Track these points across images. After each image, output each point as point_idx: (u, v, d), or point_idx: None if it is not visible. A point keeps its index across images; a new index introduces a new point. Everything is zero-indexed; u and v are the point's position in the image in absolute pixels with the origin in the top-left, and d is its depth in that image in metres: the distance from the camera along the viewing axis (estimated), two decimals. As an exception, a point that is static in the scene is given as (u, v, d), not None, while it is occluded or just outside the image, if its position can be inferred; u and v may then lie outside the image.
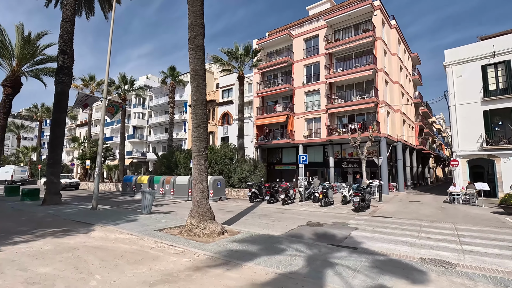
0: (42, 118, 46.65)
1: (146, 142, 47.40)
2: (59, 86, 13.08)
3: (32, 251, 5.40)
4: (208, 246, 6.14)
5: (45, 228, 7.67)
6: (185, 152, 25.32)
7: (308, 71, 28.23)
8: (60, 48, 13.28)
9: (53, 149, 12.97)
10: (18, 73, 18.21)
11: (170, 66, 28.90)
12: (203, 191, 7.35)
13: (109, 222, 8.57)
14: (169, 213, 11.43)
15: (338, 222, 10.10)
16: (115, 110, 12.10)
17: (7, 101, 17.88)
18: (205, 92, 7.59)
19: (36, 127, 57.75)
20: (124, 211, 11.35)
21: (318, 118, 26.77)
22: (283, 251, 5.95)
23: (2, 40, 17.72)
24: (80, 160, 32.74)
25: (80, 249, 5.64)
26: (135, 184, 21.71)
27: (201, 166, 7.38)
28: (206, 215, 7.25)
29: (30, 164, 43.78)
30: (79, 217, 9.52)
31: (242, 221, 10.16)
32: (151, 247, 6.00)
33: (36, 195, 14.83)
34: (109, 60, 11.51)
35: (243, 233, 7.54)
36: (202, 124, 7.45)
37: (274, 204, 15.60)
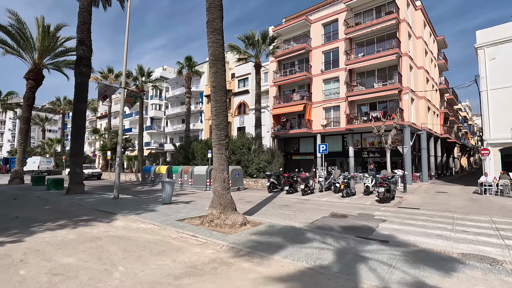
0: (64, 110, 48.14)
1: (164, 133, 48.02)
2: (79, 77, 13.16)
3: (56, 240, 5.38)
4: (231, 237, 5.93)
5: (69, 217, 7.74)
6: (202, 143, 25.32)
7: (326, 58, 27.26)
8: (78, 39, 13.30)
9: (75, 140, 13.18)
10: (40, 65, 18.60)
11: (187, 56, 28.73)
12: (224, 181, 7.12)
13: (131, 211, 8.57)
14: (188, 203, 11.39)
15: (363, 213, 9.67)
16: (133, 100, 12.05)
17: (30, 93, 18.39)
18: (224, 78, 7.27)
19: (59, 120, 59.83)
20: (145, 201, 11.41)
21: (337, 106, 25.93)
22: (309, 243, 5.65)
23: (24, 33, 18.07)
24: (102, 151, 33.62)
25: (103, 238, 5.57)
26: (154, 174, 21.98)
27: (222, 155, 7.14)
28: (228, 205, 7.04)
29: (55, 155, 45.52)
30: (101, 206, 9.61)
31: (262, 211, 9.93)
32: (173, 238, 5.87)
33: (60, 185, 15.24)
34: (126, 50, 11.39)
35: (265, 224, 7.30)
36: (222, 111, 7.16)
37: (293, 194, 15.30)
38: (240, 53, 22.04)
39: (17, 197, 12.16)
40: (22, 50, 18.36)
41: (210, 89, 7.26)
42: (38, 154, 46.02)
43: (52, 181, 15.17)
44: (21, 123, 19.28)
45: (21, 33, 18.03)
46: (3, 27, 17.35)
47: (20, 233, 5.88)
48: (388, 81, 23.15)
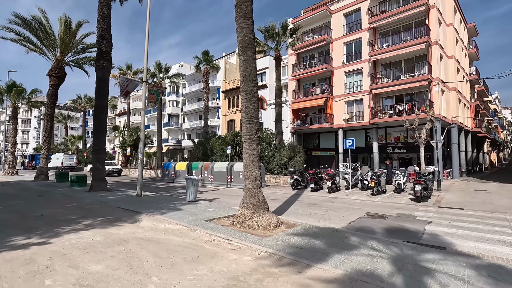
0: (85, 108, 49.22)
1: (181, 129, 48.19)
2: (100, 72, 12.98)
3: (83, 242, 5.02)
4: (268, 241, 5.39)
5: (93, 216, 7.46)
6: (221, 139, 24.96)
7: (348, 49, 26.11)
8: (98, 33, 13.10)
9: (97, 136, 13.06)
10: (62, 62, 18.72)
11: (204, 51, 28.35)
12: (256, 178, 6.57)
13: (156, 210, 8.21)
14: (212, 201, 10.97)
15: (402, 213, 8.89)
16: (156, 98, 11.71)
17: (53, 90, 18.55)
18: (255, 67, 6.69)
19: (80, 117, 61.38)
20: (168, 198, 11.08)
21: (360, 100, 24.83)
22: (357, 249, 5.02)
23: (47, 30, 18.18)
24: (121, 148, 34.01)
25: (131, 241, 5.17)
26: (174, 171, 21.85)
27: (253, 151, 6.58)
28: (260, 205, 6.50)
29: (77, 152, 46.73)
30: (125, 204, 9.33)
31: (292, 210, 9.34)
32: (205, 241, 5.39)
33: (83, 181, 15.27)
34: (147, 42, 11.02)
35: (301, 225, 6.71)
36: (254, 103, 6.59)
37: (319, 192, 14.61)
38: (259, 45, 21.35)
39: (42, 194, 12.16)
40: (45, 47, 18.53)
41: (240, 79, 6.70)
42: (62, 151, 47.36)
43: (75, 178, 15.21)
44: (45, 120, 19.56)
45: (44, 30, 18.16)
46: (29, 24, 17.49)
47: (45, 234, 5.59)
48: (416, 72, 21.84)
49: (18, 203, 9.54)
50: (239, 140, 23.05)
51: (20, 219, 6.99)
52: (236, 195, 13.40)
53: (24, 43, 18.02)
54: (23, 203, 9.59)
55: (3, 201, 10.11)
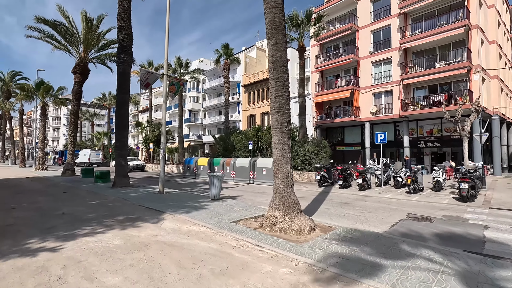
0: (110, 105, 50.52)
1: (202, 125, 48.30)
2: (121, 66, 12.75)
3: (101, 247, 4.59)
4: (304, 248, 4.71)
5: (114, 215, 7.11)
6: (242, 134, 24.46)
7: (376, 38, 24.58)
8: (118, 27, 12.85)
9: (119, 131, 12.90)
10: (85, 59, 18.86)
11: (224, 44, 27.81)
12: (287, 176, 5.89)
13: (179, 209, 7.75)
14: (236, 199, 10.43)
15: (449, 216, 7.88)
16: (176, 89, 11.29)
17: (78, 87, 18.77)
18: (285, 51, 5.96)
19: (106, 114, 63.34)
20: (190, 196, 10.66)
21: (389, 91, 23.34)
22: (411, 261, 4.23)
23: (70, 27, 18.34)
24: (144, 144, 34.47)
25: (152, 246, 4.68)
26: (196, 166, 21.62)
27: (284, 146, 5.89)
28: (293, 206, 5.82)
29: (103, 148, 48.18)
30: (147, 202, 8.99)
31: (322, 210, 8.59)
32: (233, 247, 4.80)
33: (107, 177, 15.29)
34: (167, 32, 10.57)
35: (337, 229, 5.97)
36: (284, 92, 5.89)
37: (348, 189, 13.69)
38: (282, 36, 20.43)
39: (67, 190, 12.18)
40: (69, 44, 18.74)
41: (268, 66, 6.01)
42: (89, 147, 49.04)
43: (99, 174, 15.26)
44: (71, 117, 19.92)
45: (67, 28, 18.35)
46: (52, 23, 17.71)
47: (63, 236, 5.24)
48: (453, 59, 20.08)
49: (42, 200, 9.47)
50: (260, 135, 22.44)
51: (40, 217, 6.77)
52: (260, 192, 12.81)
53: (49, 41, 18.32)
54: (47, 200, 9.52)
55: (28, 198, 10.13)
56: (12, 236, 5.23)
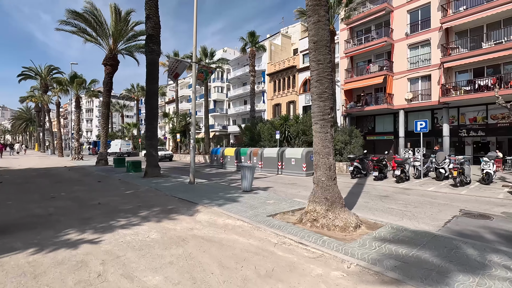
0: (138, 97, 51.93)
1: (226, 115, 48.36)
2: (149, 56, 12.69)
3: (138, 241, 4.43)
4: (353, 248, 4.25)
5: (148, 206, 7.04)
6: (268, 123, 23.99)
7: (413, 18, 22.74)
8: (146, 15, 12.72)
9: (150, 122, 12.96)
10: (115, 51, 19.16)
11: (250, 32, 27.16)
12: (330, 168, 5.40)
13: (212, 200, 7.55)
14: (267, 190, 10.10)
15: (510, 213, 7.01)
16: (205, 76, 11.03)
17: (108, 79, 19.18)
18: (328, 30, 5.38)
19: (134, 106, 65.41)
20: (221, 187, 10.48)
21: (427, 76, 21.66)
22: (483, 267, 3.64)
23: (100, 20, 18.63)
24: (171, 134, 35.12)
25: (190, 241, 4.45)
26: (223, 156, 21.56)
27: (326, 134, 5.38)
28: (336, 200, 5.35)
29: (132, 138, 49.90)
30: (179, 192, 8.90)
31: (362, 204, 8.02)
32: (274, 244, 4.45)
33: (138, 167, 15.60)
34: (195, 17, 10.24)
35: (385, 226, 5.43)
36: (327, 75, 5.33)
37: (384, 181, 12.90)
38: (311, 20, 19.40)
39: (101, 180, 12.51)
40: (99, 37, 19.11)
41: (309, 46, 5.47)
42: (119, 138, 51.02)
43: (131, 164, 15.59)
44: (103, 108, 20.52)
45: (97, 20, 18.67)
46: (83, 16, 18.08)
47: (100, 227, 5.18)
48: (504, 38, 18.06)
49: (79, 189, 9.72)
50: (288, 124, 21.88)
51: (78, 207, 6.84)
52: (290, 183, 12.39)
53: (80, 34, 18.77)
54: (83, 189, 9.75)
55: (67, 187, 10.46)
56: (52, 226, 5.25)
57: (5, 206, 6.98)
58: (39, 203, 7.40)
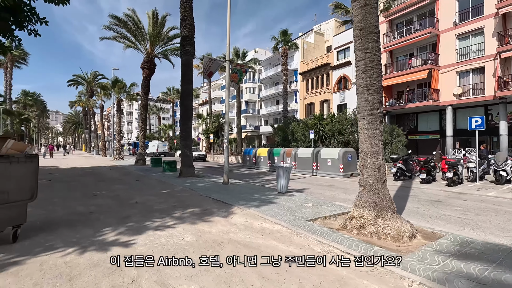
0: (173, 99, 53.89)
1: (258, 115, 48.29)
2: (184, 57, 12.84)
3: (173, 243, 4.25)
4: (412, 262, 3.66)
5: (183, 206, 6.94)
6: (302, 123, 23.34)
7: (462, 5, 20.72)
8: (181, 17, 12.89)
9: (184, 122, 13.10)
10: (151, 55, 19.85)
11: (282, 30, 26.73)
12: (379, 169, 4.82)
13: (247, 202, 7.26)
14: (303, 192, 9.61)
15: None
16: (239, 77, 10.86)
17: (146, 82, 19.92)
18: (377, 15, 4.80)
19: (170, 108, 68.08)
20: (255, 188, 10.19)
21: (480, 68, 19.57)
22: None
23: (139, 26, 19.43)
24: (205, 135, 35.79)
25: (226, 246, 4.17)
26: (255, 157, 21.35)
27: (375, 131, 4.81)
28: (387, 205, 4.76)
29: (168, 139, 51.85)
30: (213, 193, 8.75)
31: (411, 210, 7.21)
32: (317, 252, 4.00)
33: (174, 167, 15.92)
34: (229, 16, 10.09)
35: (445, 236, 4.71)
36: (375, 65, 4.76)
37: (432, 184, 11.73)
38: (348, 12, 18.44)
39: (139, 179, 12.88)
40: (137, 42, 19.94)
41: (354, 34, 4.94)
42: (156, 139, 53.30)
43: (167, 163, 15.97)
44: (141, 110, 21.40)
45: (136, 26, 19.50)
46: (123, 22, 18.98)
47: (136, 228, 5.11)
48: None
49: (118, 188, 10.01)
50: (322, 124, 21.09)
51: (117, 206, 6.94)
52: (327, 185, 11.74)
53: (121, 40, 19.74)
54: (123, 188, 10.03)
55: (108, 185, 10.86)
56: (92, 224, 5.30)
57: (52, 203, 7.31)
58: (82, 201, 7.67)
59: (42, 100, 58.02)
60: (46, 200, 7.54)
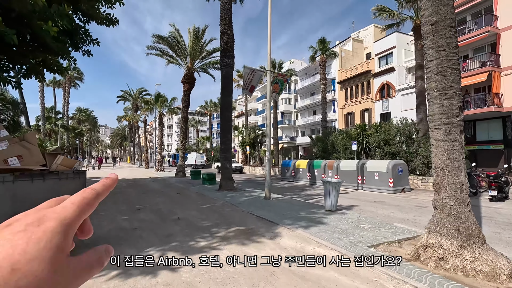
0: (211, 112, 55.39)
1: (294, 126, 47.51)
2: (224, 69, 12.85)
3: (221, 271, 3.84)
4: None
5: (227, 223, 6.56)
6: (343, 133, 22.20)
7: (527, -1, 18.46)
8: (221, 30, 13.00)
9: (224, 134, 13.00)
10: (191, 69, 20.44)
11: (320, 39, 26.16)
12: (461, 188, 3.99)
13: (293, 221, 6.66)
14: (351, 209, 8.75)
15: None
16: (280, 87, 10.48)
17: (186, 96, 20.49)
18: (452, 6, 4.10)
19: (207, 121, 70.13)
20: (299, 204, 9.54)
21: (553, 68, 17.06)
22: None
23: (180, 42, 20.22)
24: (241, 146, 35.88)
25: (279, 277, 3.65)
26: (294, 169, 20.64)
27: (454, 143, 4.02)
28: (474, 234, 3.89)
29: (206, 151, 53.08)
30: (256, 209, 8.30)
31: (490, 235, 6.03)
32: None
33: (213, 180, 15.85)
34: (270, 24, 9.85)
35: (556, 276, 3.67)
36: (453, 64, 4.03)
37: (505, 202, 10.13)
38: (391, 15, 17.34)
39: (180, 191, 12.91)
40: (178, 57, 20.73)
41: (424, 30, 4.28)
42: (194, 151, 54.91)
43: (206, 176, 15.97)
44: (181, 123, 22.01)
45: (178, 43, 20.33)
46: (166, 40, 19.91)
47: (179, 248, 4.82)
48: None
49: (160, 201, 10.02)
50: (366, 134, 19.81)
51: (159, 221, 6.80)
52: (376, 201, 10.68)
53: (163, 56, 20.68)
54: (165, 201, 10.01)
55: (150, 198, 10.97)
56: (135, 243, 5.12)
57: (98, 217, 7.40)
58: (126, 215, 7.69)
59: (93, 115, 63.31)
60: (94, 213, 7.65)
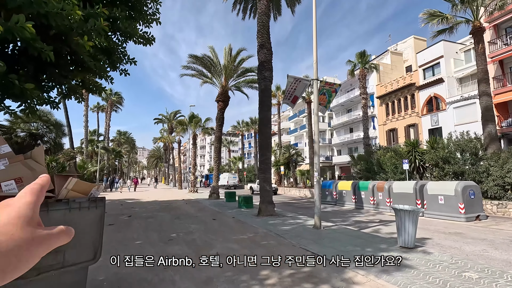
0: (242, 132, 55.20)
1: (329, 145, 45.41)
2: (262, 83, 11.97)
3: None
4: None
5: (275, 264, 5.19)
6: (390, 151, 20.05)
7: None
8: (259, 44, 12.28)
9: (263, 152, 11.86)
10: (226, 88, 20.03)
11: (359, 52, 24.77)
12: None
13: (364, 262, 5.08)
14: (426, 243, 6.97)
15: None
16: (327, 99, 9.27)
17: (220, 114, 19.97)
18: None
19: (239, 141, 70.16)
20: (358, 236, 7.88)
21: None
22: None
23: (215, 61, 20.08)
24: (275, 166, 34.49)
25: None
26: (336, 191, 18.73)
27: None
28: None
29: (238, 171, 52.36)
30: (308, 242, 6.84)
31: None
32: None
33: (250, 203, 14.65)
34: (315, 29, 8.83)
35: None
36: None
37: None
38: (444, 19, 15.54)
39: (215, 216, 11.81)
40: (213, 77, 20.54)
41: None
42: (226, 171, 54.49)
43: (243, 199, 14.82)
44: (215, 142, 21.44)
45: (213, 62, 20.23)
46: (201, 59, 19.90)
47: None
48: None
49: (195, 229, 8.94)
50: (418, 151, 17.56)
51: (195, 257, 5.62)
52: (450, 232, 8.66)
53: (198, 77, 20.63)
54: (199, 229, 8.91)
55: (184, 224, 9.98)
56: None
57: (126, 247, 6.46)
58: (157, 247, 6.66)
59: (132, 137, 66.29)
60: (121, 244, 6.76)
